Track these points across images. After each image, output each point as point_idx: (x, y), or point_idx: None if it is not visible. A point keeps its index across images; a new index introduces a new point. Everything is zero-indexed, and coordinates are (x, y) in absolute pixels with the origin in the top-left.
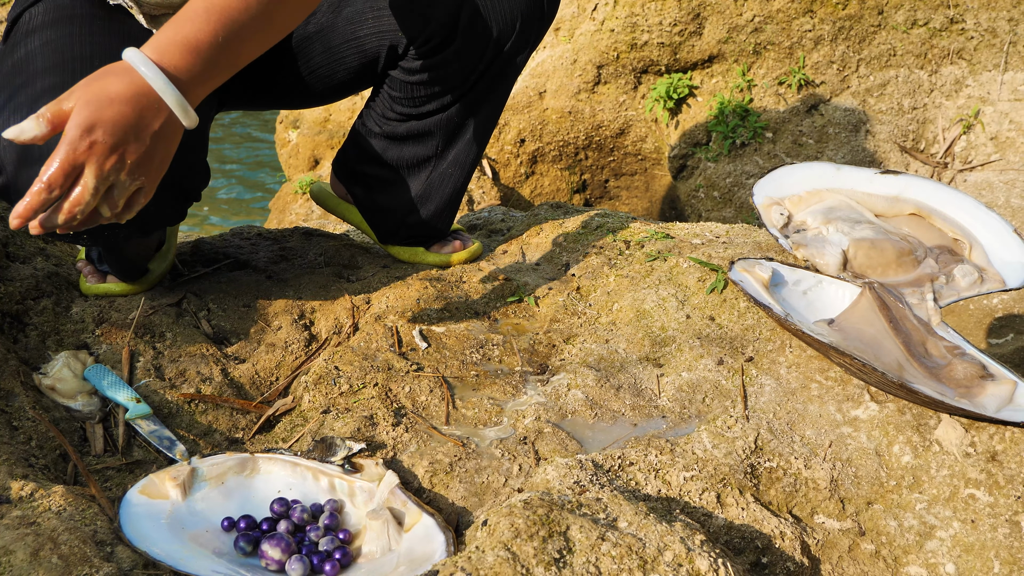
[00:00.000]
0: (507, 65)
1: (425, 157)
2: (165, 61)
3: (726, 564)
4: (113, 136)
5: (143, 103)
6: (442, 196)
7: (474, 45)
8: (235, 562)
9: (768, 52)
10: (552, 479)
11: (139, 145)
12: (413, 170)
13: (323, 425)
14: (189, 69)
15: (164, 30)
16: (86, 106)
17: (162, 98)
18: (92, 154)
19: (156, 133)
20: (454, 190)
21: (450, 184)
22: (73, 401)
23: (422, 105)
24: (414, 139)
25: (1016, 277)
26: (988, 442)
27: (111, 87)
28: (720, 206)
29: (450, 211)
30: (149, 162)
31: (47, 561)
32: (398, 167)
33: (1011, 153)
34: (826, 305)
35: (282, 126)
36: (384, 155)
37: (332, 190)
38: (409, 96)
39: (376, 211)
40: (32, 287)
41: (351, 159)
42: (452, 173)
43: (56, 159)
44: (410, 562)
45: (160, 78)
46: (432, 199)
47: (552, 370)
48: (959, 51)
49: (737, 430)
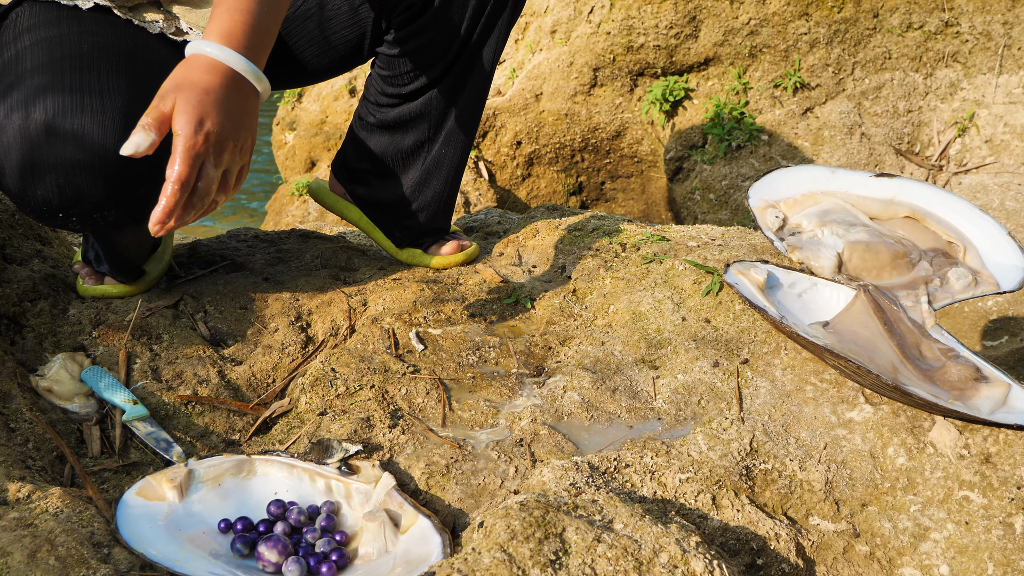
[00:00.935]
0: (488, 32)
1: (419, 142)
2: (235, 44)
3: (721, 566)
4: (221, 124)
5: (234, 87)
6: (440, 180)
7: (452, 8)
8: (232, 564)
9: (764, 55)
10: (548, 481)
11: (240, 127)
12: (409, 158)
13: (320, 427)
14: (253, 45)
15: (219, 16)
16: (188, 102)
17: (246, 78)
18: (208, 145)
19: (250, 111)
20: (450, 172)
21: (446, 166)
22: (70, 403)
23: (410, 82)
24: (406, 124)
25: (1010, 280)
26: (982, 444)
27: (202, 80)
28: (716, 208)
29: (449, 198)
30: (249, 139)
31: (44, 563)
32: (395, 158)
33: (1006, 156)
34: (821, 308)
35: (279, 128)
36: (380, 147)
37: (331, 190)
38: (396, 73)
39: (376, 206)
40: (29, 289)
41: (350, 158)
42: (446, 154)
43: (178, 158)
44: (406, 564)
45: (240, 60)
46: (430, 184)
47: (548, 372)
48: (954, 54)
49: (732, 432)
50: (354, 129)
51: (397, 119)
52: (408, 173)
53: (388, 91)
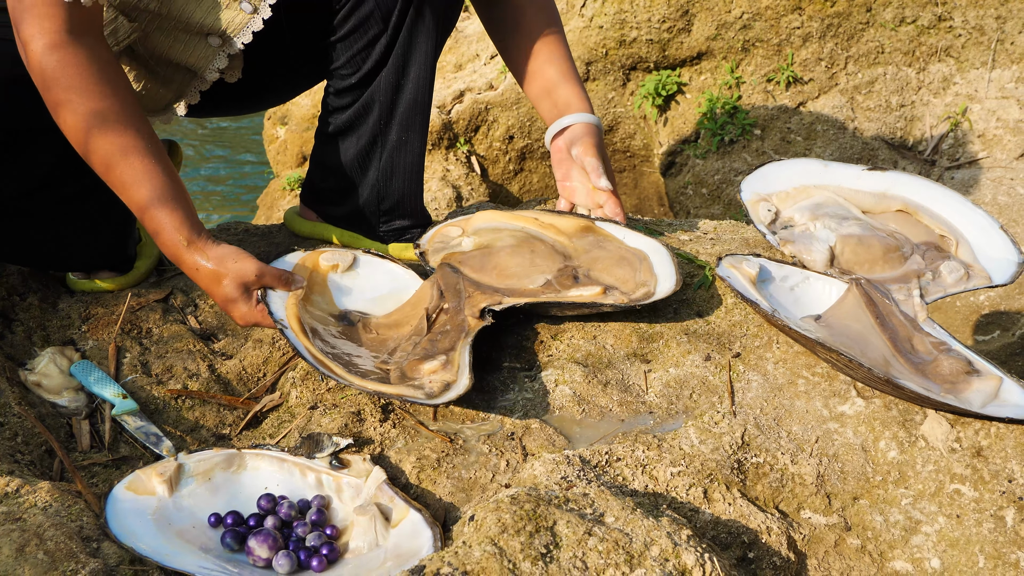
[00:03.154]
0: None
1: (374, 136)
2: None
3: (712, 559)
4: None
5: None
6: (404, 167)
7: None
8: (222, 558)
9: (757, 49)
10: (539, 474)
11: None
12: (370, 156)
13: (310, 421)
14: None
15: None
16: None
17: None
18: None
19: None
20: (414, 157)
21: (408, 151)
22: (59, 397)
23: (359, 67)
24: (360, 121)
25: (1002, 273)
26: (973, 438)
27: None
28: (709, 203)
29: (417, 182)
30: None
31: (33, 557)
32: (357, 160)
33: (998, 150)
34: (813, 301)
35: (270, 122)
36: (343, 155)
37: (304, 217)
38: (346, 60)
39: (351, 218)
40: (19, 283)
41: (316, 180)
42: (406, 140)
43: None
44: (397, 557)
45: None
46: (396, 173)
47: (540, 366)
48: (947, 49)
49: (724, 426)
50: (316, 150)
51: (353, 117)
52: (372, 170)
53: (339, 85)
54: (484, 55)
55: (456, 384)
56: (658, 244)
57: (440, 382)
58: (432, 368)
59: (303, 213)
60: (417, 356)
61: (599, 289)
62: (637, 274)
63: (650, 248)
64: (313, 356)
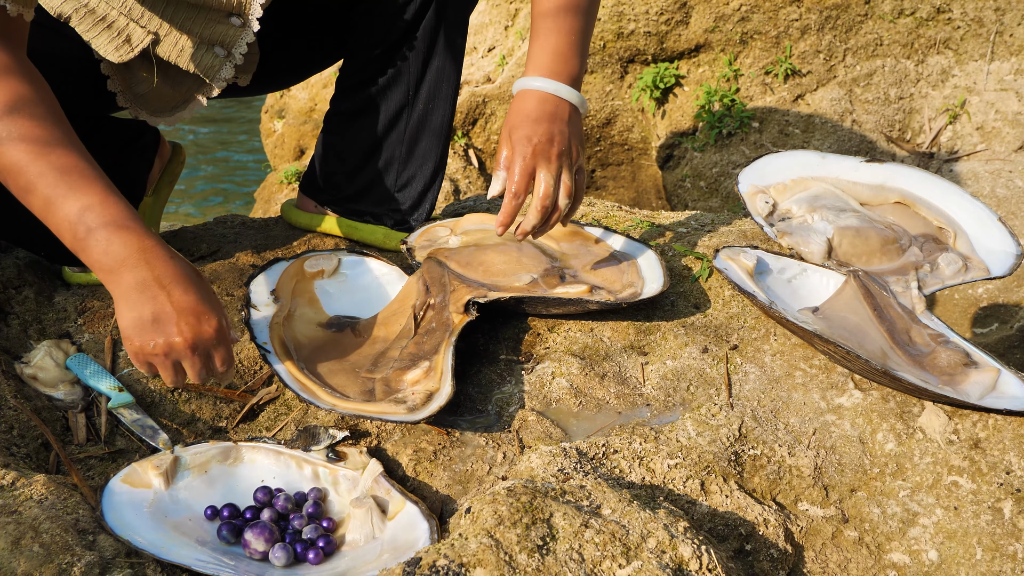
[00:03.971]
0: None
1: (399, 107)
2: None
3: (709, 551)
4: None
5: (550, 105)
6: (428, 139)
7: None
8: (218, 550)
9: (755, 41)
10: (536, 467)
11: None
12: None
13: (307, 414)
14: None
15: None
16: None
17: (558, 95)
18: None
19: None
20: (440, 129)
21: (434, 123)
22: (55, 390)
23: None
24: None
25: (1000, 265)
26: (971, 429)
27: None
28: (707, 196)
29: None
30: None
31: (28, 550)
32: (373, 137)
33: (997, 143)
34: (811, 293)
35: (267, 116)
36: (356, 136)
37: (302, 208)
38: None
39: (357, 199)
40: (14, 276)
41: (319, 166)
42: (433, 110)
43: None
44: (394, 550)
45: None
46: (419, 145)
47: (537, 358)
48: (945, 41)
49: (721, 418)
50: (324, 137)
51: (376, 92)
52: (390, 143)
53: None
54: (482, 48)
55: (438, 393)
56: (647, 248)
57: (423, 392)
58: (415, 378)
59: (301, 204)
60: (402, 364)
61: (585, 287)
62: (624, 276)
63: (638, 252)
64: (296, 381)
